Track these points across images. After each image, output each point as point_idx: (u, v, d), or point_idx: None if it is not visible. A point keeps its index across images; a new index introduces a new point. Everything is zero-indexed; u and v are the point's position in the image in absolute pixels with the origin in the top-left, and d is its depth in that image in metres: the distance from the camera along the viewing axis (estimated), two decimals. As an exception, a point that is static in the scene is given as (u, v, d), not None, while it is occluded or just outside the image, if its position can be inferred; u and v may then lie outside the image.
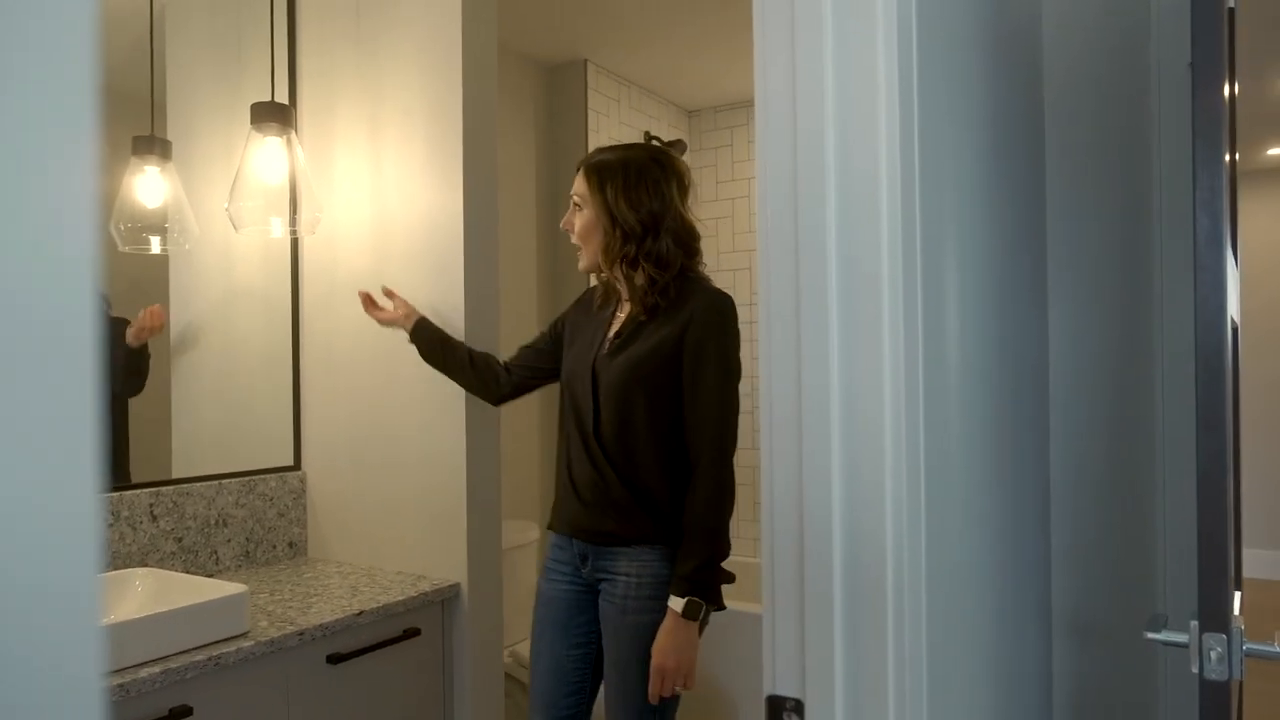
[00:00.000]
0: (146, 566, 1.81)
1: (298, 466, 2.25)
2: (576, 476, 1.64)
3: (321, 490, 2.22)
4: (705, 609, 1.54)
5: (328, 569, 2.10)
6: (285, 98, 2.17)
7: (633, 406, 1.58)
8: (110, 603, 1.63)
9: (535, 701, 1.72)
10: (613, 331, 1.67)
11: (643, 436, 1.58)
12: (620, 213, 1.60)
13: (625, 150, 1.68)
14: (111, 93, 1.90)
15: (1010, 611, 1.18)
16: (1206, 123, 0.76)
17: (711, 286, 1.63)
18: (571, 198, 1.69)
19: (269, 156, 1.92)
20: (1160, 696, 1.38)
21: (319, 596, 1.85)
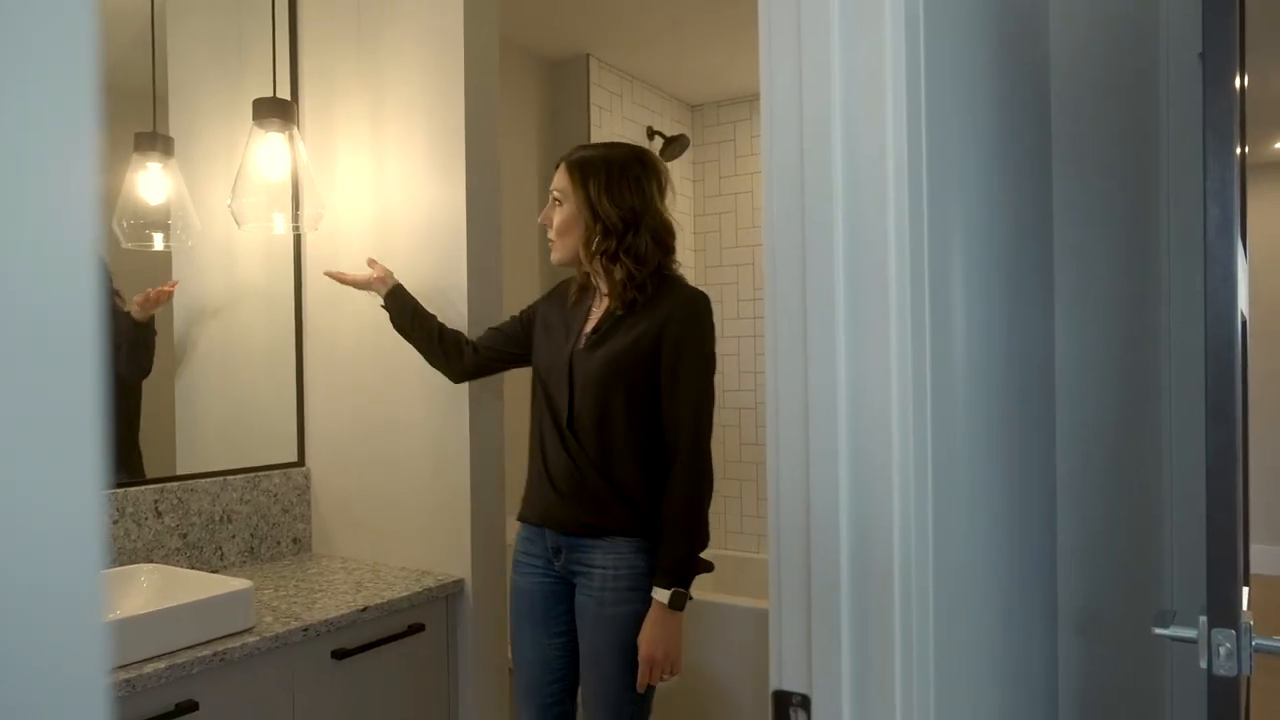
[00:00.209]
0: (152, 563, 1.81)
1: (302, 462, 2.25)
2: (552, 468, 1.66)
3: (326, 486, 2.22)
4: (688, 598, 1.59)
5: (332, 565, 2.10)
6: (287, 93, 2.17)
7: (611, 400, 1.61)
8: (115, 599, 1.63)
9: (523, 691, 1.74)
10: (590, 326, 1.69)
11: (620, 429, 1.61)
12: (602, 208, 1.63)
13: (608, 148, 1.71)
14: (113, 89, 1.90)
15: (1016, 607, 1.17)
16: (1218, 113, 0.75)
17: (687, 284, 1.69)
18: (551, 193, 1.71)
19: (271, 152, 1.92)
20: (1166, 693, 1.38)
21: (323, 592, 1.85)
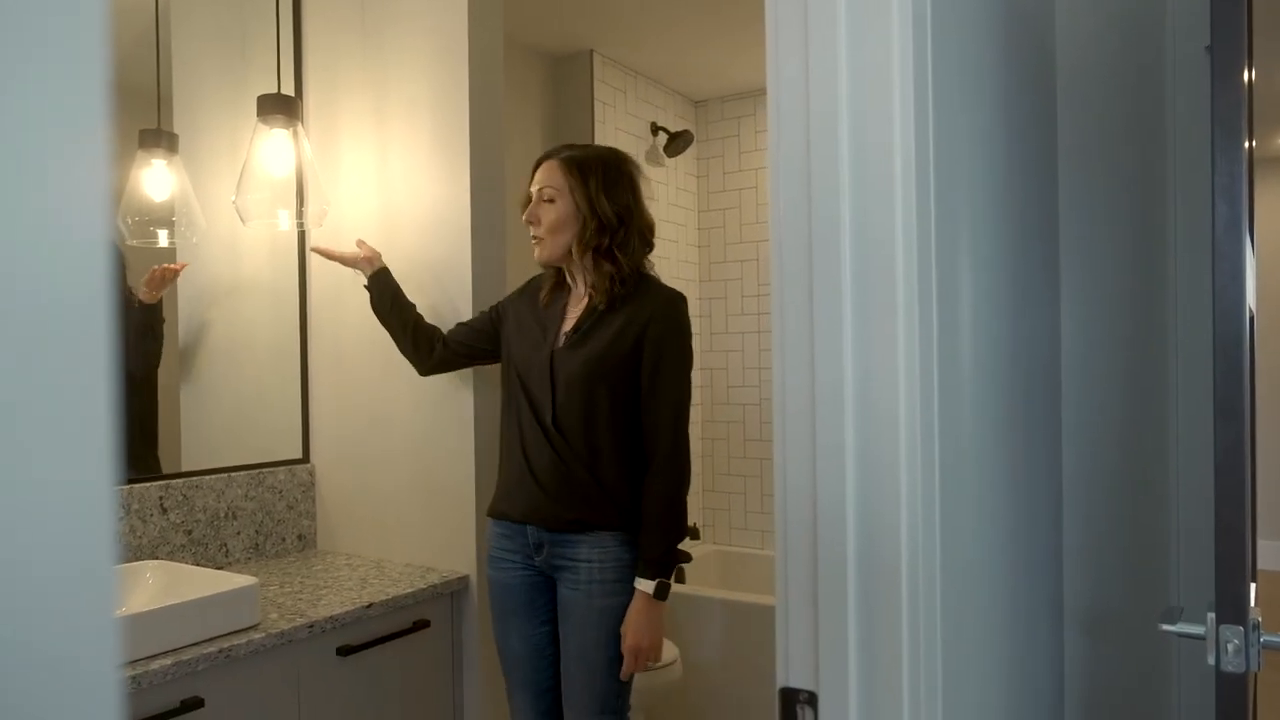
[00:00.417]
0: (157, 559, 1.82)
1: (306, 459, 2.25)
2: (536, 465, 1.67)
3: (330, 483, 2.23)
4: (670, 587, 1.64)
5: (337, 561, 2.11)
6: (291, 90, 2.16)
7: (597, 398, 1.64)
8: (121, 595, 1.64)
9: (518, 681, 1.75)
10: (569, 325, 1.70)
11: (604, 426, 1.64)
12: (601, 205, 1.66)
13: (592, 149, 1.74)
14: (118, 86, 1.90)
15: (1023, 605, 1.17)
16: (1226, 107, 0.75)
17: (665, 285, 1.73)
18: (540, 191, 1.68)
19: (275, 149, 1.92)
20: (1173, 690, 1.37)
21: (328, 589, 1.86)
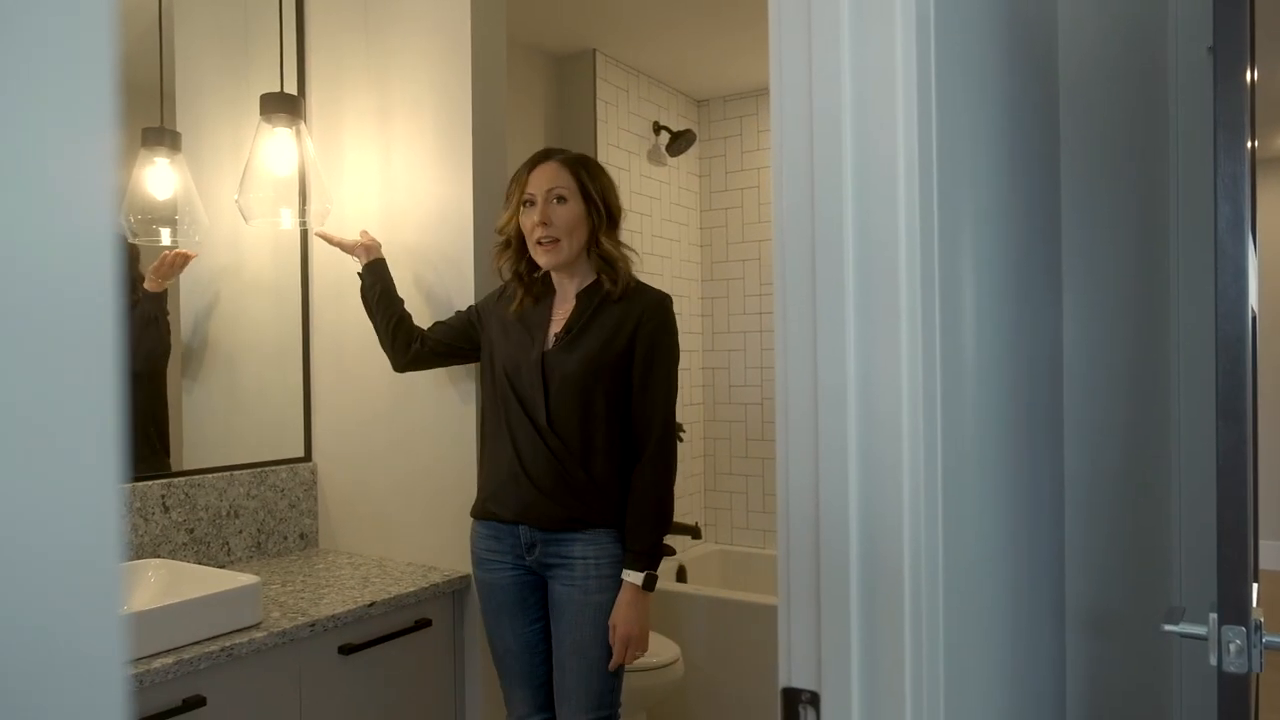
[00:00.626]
0: (159, 558, 1.82)
1: (308, 458, 2.25)
2: (530, 466, 1.68)
3: (332, 481, 2.23)
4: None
5: (339, 560, 2.11)
6: (294, 89, 2.17)
7: (593, 396, 1.65)
8: (124, 594, 1.64)
9: (514, 677, 1.76)
10: (558, 326, 1.71)
11: (600, 425, 1.66)
12: (611, 203, 1.71)
13: (570, 150, 1.77)
14: (121, 84, 1.90)
15: (1025, 605, 1.17)
16: (1228, 109, 0.75)
17: (651, 286, 1.75)
18: (550, 192, 1.67)
19: (278, 148, 1.92)
20: (1175, 690, 1.37)
21: (330, 587, 1.86)
